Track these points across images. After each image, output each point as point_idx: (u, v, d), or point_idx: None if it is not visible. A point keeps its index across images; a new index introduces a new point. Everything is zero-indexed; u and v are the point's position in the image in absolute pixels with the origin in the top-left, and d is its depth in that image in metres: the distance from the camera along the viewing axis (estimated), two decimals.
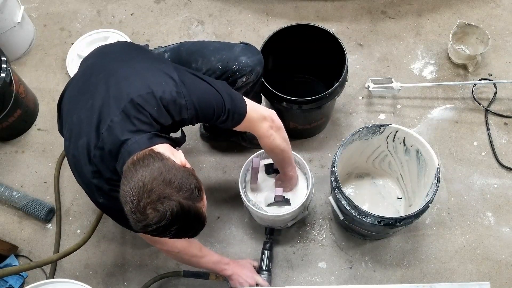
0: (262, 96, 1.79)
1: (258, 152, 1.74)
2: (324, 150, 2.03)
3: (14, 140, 2.16)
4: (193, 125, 1.31)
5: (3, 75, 1.90)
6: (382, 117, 2.09)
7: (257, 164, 1.69)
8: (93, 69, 1.34)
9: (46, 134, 2.17)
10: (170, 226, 1.03)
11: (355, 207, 1.49)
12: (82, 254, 1.86)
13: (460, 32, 2.15)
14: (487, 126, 2.03)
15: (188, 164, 1.14)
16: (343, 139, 1.74)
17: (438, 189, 1.49)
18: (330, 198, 1.65)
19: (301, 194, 1.73)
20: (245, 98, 1.37)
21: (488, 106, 2.07)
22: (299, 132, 2.00)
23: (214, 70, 1.51)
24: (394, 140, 1.67)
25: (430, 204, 1.47)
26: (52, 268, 1.85)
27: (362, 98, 2.14)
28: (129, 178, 1.03)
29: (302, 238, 1.86)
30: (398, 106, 2.11)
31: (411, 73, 2.19)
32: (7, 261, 1.85)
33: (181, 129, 1.37)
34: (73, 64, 2.31)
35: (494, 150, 1.97)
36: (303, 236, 1.86)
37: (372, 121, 2.08)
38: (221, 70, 1.51)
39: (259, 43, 1.80)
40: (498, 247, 1.80)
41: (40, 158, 2.11)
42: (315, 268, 1.80)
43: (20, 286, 1.84)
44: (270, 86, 1.72)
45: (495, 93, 2.09)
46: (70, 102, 1.34)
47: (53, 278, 1.82)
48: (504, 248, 1.80)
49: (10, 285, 1.82)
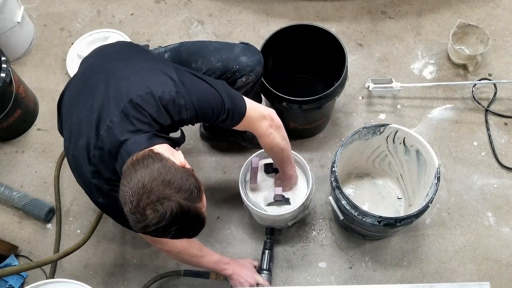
0: (262, 96, 1.79)
1: (258, 151, 1.74)
2: (324, 150, 2.03)
3: (14, 140, 2.16)
4: (192, 125, 1.31)
5: (3, 75, 1.90)
6: (382, 117, 2.08)
7: (256, 163, 1.69)
8: (93, 69, 1.34)
9: (46, 134, 2.17)
10: (170, 227, 1.03)
11: (355, 207, 1.49)
12: (82, 254, 1.86)
13: (460, 32, 2.15)
14: (487, 126, 2.03)
15: (187, 164, 1.14)
16: (343, 139, 1.74)
17: (438, 189, 1.49)
18: (330, 198, 1.65)
19: (301, 193, 1.73)
20: (244, 97, 1.37)
21: (488, 106, 2.07)
22: (299, 132, 2.00)
23: (214, 70, 1.51)
24: (394, 140, 1.67)
25: (430, 204, 1.47)
26: (52, 268, 1.85)
27: (362, 98, 2.14)
28: (128, 179, 1.03)
29: (302, 238, 1.86)
30: (398, 106, 2.11)
31: (411, 73, 2.19)
32: (7, 261, 1.85)
33: (180, 129, 1.37)
34: (73, 64, 2.31)
35: (494, 150, 1.97)
36: (303, 236, 1.86)
37: (372, 121, 2.08)
38: (221, 70, 1.51)
39: (259, 43, 1.80)
40: (498, 247, 1.80)
41: (40, 158, 2.11)
42: (315, 268, 1.80)
43: (20, 286, 1.84)
44: (270, 86, 1.72)
45: (495, 93, 2.09)
46: (70, 102, 1.34)
47: (53, 278, 1.82)
48: (504, 248, 1.79)
49: (10, 285, 1.82)
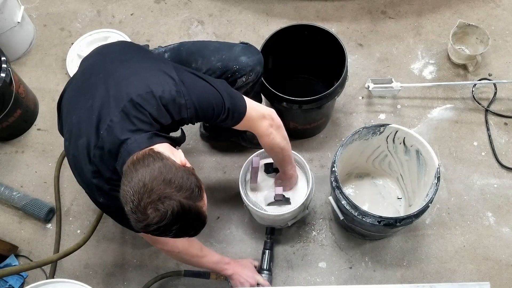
0: (262, 96, 1.79)
1: (258, 151, 1.74)
2: (324, 150, 2.03)
3: (14, 140, 2.16)
4: (192, 124, 1.30)
5: (3, 75, 1.90)
6: (382, 117, 2.09)
7: (257, 163, 1.69)
8: (92, 69, 1.34)
9: (46, 134, 2.17)
10: (171, 226, 1.03)
11: (355, 207, 1.49)
12: (82, 254, 1.86)
13: (460, 32, 2.15)
14: (487, 126, 2.03)
15: (188, 163, 1.14)
16: (343, 139, 1.74)
17: (438, 189, 1.49)
18: (330, 198, 1.65)
19: (301, 193, 1.73)
20: (244, 97, 1.37)
21: (488, 106, 2.07)
22: (299, 132, 2.00)
23: (214, 70, 1.51)
24: (394, 140, 1.67)
25: (430, 204, 1.47)
26: (52, 268, 1.85)
27: (362, 98, 2.14)
28: (129, 178, 1.03)
29: (302, 238, 1.86)
30: (398, 106, 2.11)
31: (411, 73, 2.19)
32: (7, 261, 1.85)
33: (181, 128, 1.37)
34: (73, 64, 2.31)
35: (494, 150, 1.97)
36: (303, 236, 1.86)
37: (372, 121, 2.08)
38: (221, 70, 1.51)
39: (259, 43, 1.80)
40: (498, 247, 1.80)
41: (40, 158, 2.11)
42: (315, 268, 1.80)
43: (20, 286, 1.84)
44: (270, 86, 1.72)
45: (495, 93, 2.09)
46: (70, 102, 1.34)
47: (53, 278, 1.82)
48: (504, 248, 1.80)
49: (10, 285, 1.81)
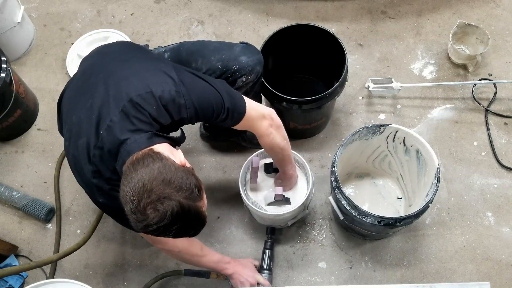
0: (262, 96, 1.79)
1: (258, 151, 1.74)
2: (324, 150, 2.03)
3: (14, 140, 2.16)
4: (192, 124, 1.30)
5: (3, 75, 1.90)
6: (382, 117, 2.09)
7: (256, 163, 1.69)
8: (92, 69, 1.34)
9: (46, 134, 2.17)
10: (171, 226, 1.03)
11: (355, 207, 1.49)
12: (82, 254, 1.86)
13: (460, 32, 2.15)
14: (487, 126, 2.03)
15: (187, 163, 1.14)
16: (343, 139, 1.74)
17: (438, 189, 1.49)
18: (330, 198, 1.65)
19: (301, 193, 1.73)
20: (244, 97, 1.37)
21: (488, 106, 2.07)
22: (299, 132, 2.00)
23: (214, 70, 1.51)
24: (394, 140, 1.67)
25: (430, 204, 1.47)
26: (52, 268, 1.85)
27: (362, 98, 2.14)
28: (129, 179, 1.03)
29: (302, 238, 1.86)
30: (398, 106, 2.11)
31: (411, 73, 2.19)
32: (7, 261, 1.85)
33: (180, 128, 1.37)
34: (73, 64, 2.31)
35: (494, 150, 1.97)
36: (303, 236, 1.86)
37: (372, 121, 2.08)
38: (221, 70, 1.51)
39: (259, 43, 1.80)
40: (498, 247, 1.80)
41: (40, 158, 2.11)
42: (315, 268, 1.80)
43: (20, 286, 1.84)
44: (270, 86, 1.72)
45: (495, 93, 2.09)
46: (70, 102, 1.34)
47: (53, 278, 1.82)
48: (504, 248, 1.79)
49: (10, 285, 1.81)
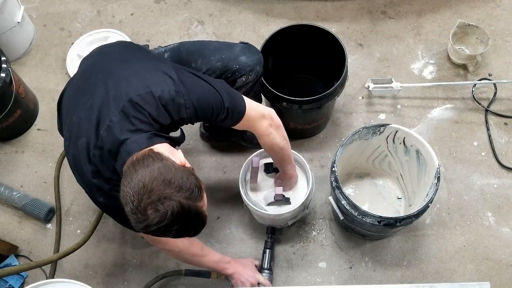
0: (262, 96, 1.79)
1: (258, 151, 1.74)
2: (324, 150, 2.03)
3: (14, 140, 2.16)
4: (192, 124, 1.30)
5: (3, 75, 1.90)
6: (382, 117, 2.09)
7: (256, 163, 1.69)
8: (92, 69, 1.34)
9: (46, 134, 2.17)
10: (171, 226, 1.03)
11: (355, 207, 1.49)
12: (82, 254, 1.86)
13: (460, 32, 2.15)
14: (487, 126, 2.03)
15: (187, 163, 1.14)
16: (343, 139, 1.74)
17: (438, 189, 1.49)
18: (330, 198, 1.65)
19: (301, 193, 1.73)
20: (244, 97, 1.37)
21: (488, 106, 2.07)
22: (299, 132, 2.00)
23: (214, 70, 1.51)
24: (394, 140, 1.67)
25: (430, 204, 1.47)
26: (52, 268, 1.85)
27: (362, 98, 2.14)
28: (129, 179, 1.03)
29: (302, 238, 1.86)
30: (398, 106, 2.11)
31: (411, 73, 2.19)
32: (7, 261, 1.85)
33: (180, 128, 1.37)
34: (73, 64, 2.31)
35: (494, 150, 1.97)
36: (303, 236, 1.86)
37: (372, 121, 2.08)
38: (221, 70, 1.51)
39: (259, 43, 1.80)
40: (498, 247, 1.80)
41: (40, 158, 2.11)
42: (315, 268, 1.80)
43: (20, 286, 1.84)
44: (270, 86, 1.72)
45: (495, 93, 2.09)
46: (70, 102, 1.34)
47: (53, 278, 1.82)
48: (504, 248, 1.80)
49: (10, 285, 1.81)
